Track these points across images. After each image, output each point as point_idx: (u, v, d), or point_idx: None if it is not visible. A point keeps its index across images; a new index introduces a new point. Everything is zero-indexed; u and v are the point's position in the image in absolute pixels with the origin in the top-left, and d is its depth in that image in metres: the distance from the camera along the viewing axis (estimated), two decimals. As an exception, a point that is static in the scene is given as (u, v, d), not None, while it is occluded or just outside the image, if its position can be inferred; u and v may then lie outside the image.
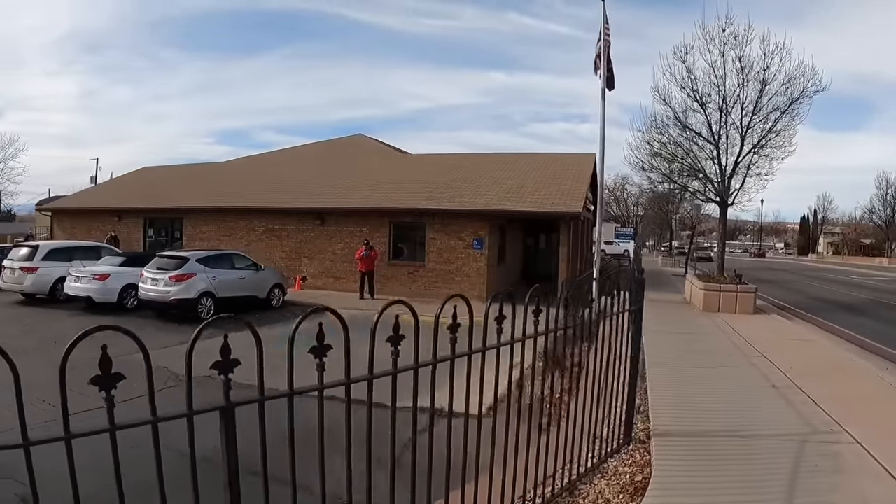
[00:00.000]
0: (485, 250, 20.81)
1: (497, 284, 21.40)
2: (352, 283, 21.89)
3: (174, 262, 17.28)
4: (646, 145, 19.88)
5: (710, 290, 17.00)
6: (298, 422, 2.86)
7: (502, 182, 22.76)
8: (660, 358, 9.78)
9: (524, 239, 28.37)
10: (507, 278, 23.41)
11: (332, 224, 23.69)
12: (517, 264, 26.36)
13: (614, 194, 78.52)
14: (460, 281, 20.93)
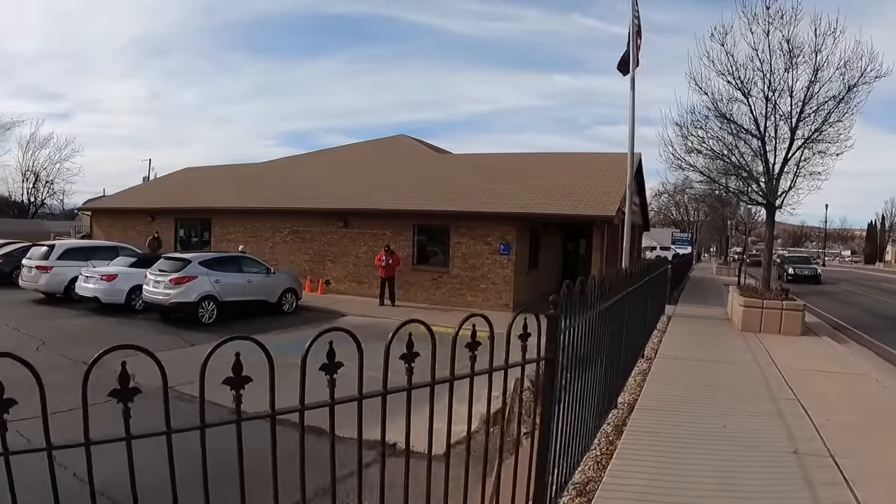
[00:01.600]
0: (512, 256, 19.37)
1: (526, 293, 19.99)
2: (375, 287, 20.75)
3: (176, 265, 16.57)
4: (681, 140, 17.90)
5: (750, 305, 14.71)
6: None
7: (534, 183, 21.26)
8: (658, 400, 7.78)
9: (563, 244, 26.77)
10: (540, 286, 21.93)
11: (355, 226, 22.60)
12: (553, 271, 24.79)
13: (673, 198, 76.14)
14: (486, 289, 19.59)
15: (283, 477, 2.53)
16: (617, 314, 6.67)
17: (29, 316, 16.71)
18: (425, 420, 3.03)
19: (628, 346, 8.06)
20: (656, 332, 13.39)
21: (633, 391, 8.34)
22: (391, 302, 19.94)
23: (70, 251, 20.25)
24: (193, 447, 2.40)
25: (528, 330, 3.58)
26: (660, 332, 13.67)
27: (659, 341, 12.42)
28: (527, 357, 3.66)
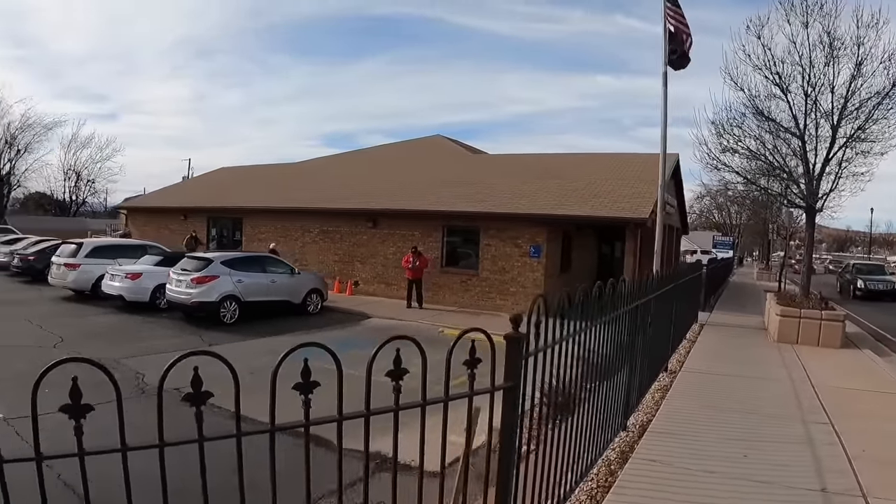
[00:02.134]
0: (542, 258, 18.81)
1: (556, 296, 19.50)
2: (403, 289, 20.35)
3: (198, 264, 16.44)
4: (716, 139, 17.06)
5: (787, 315, 13.71)
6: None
7: (566, 184, 20.70)
8: (674, 422, 7.00)
9: (598, 246, 26.06)
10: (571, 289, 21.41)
11: (384, 227, 22.25)
12: (588, 274, 24.10)
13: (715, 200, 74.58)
14: (515, 292, 19.07)
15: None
16: (628, 327, 6.12)
17: (55, 313, 16.67)
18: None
19: (645, 361, 7.45)
20: (685, 342, 12.72)
21: (649, 410, 7.72)
22: (418, 304, 19.55)
23: (98, 249, 20.31)
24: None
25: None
26: (689, 342, 13.00)
27: (687, 352, 11.79)
28: (478, 387, 3.23)
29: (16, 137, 62.26)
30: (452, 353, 2.97)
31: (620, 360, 6.03)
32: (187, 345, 12.95)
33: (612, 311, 5.36)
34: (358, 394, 2.70)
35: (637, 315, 6.48)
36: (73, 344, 12.57)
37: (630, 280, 6.49)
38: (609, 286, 5.20)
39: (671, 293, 9.34)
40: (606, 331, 5.25)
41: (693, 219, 72.37)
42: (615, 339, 5.64)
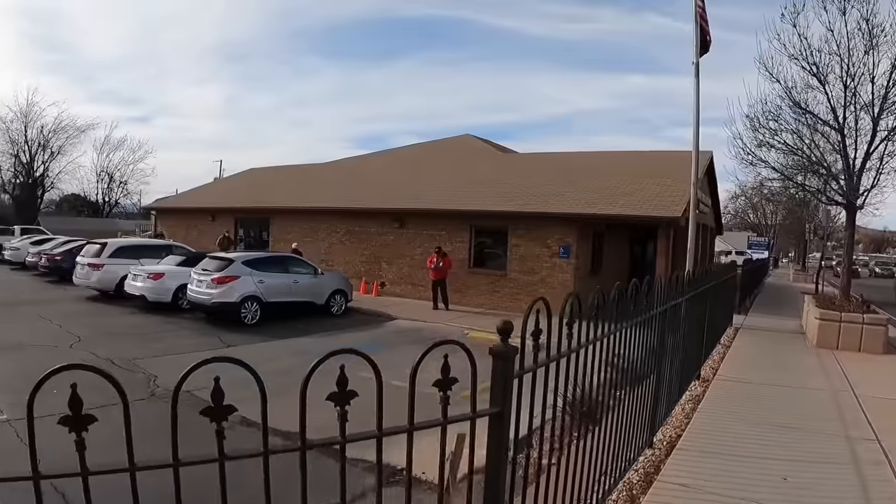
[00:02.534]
0: (572, 259, 18.28)
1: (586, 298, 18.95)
2: (430, 290, 20.03)
3: (219, 264, 16.27)
4: (751, 134, 16.29)
5: (826, 318, 12.90)
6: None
7: (596, 183, 20.13)
8: (706, 438, 6.36)
9: (630, 247, 25.41)
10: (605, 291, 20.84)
11: (411, 227, 21.89)
12: (619, 275, 23.51)
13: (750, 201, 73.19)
14: (544, 293, 18.40)
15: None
16: (656, 333, 5.62)
17: (77, 313, 16.65)
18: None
19: (675, 370, 6.93)
20: (719, 348, 12.03)
21: (679, 424, 7.15)
22: (445, 305, 19.15)
23: (122, 249, 20.35)
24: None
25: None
26: (723, 347, 12.33)
27: (721, 358, 11.14)
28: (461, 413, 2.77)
29: (49, 140, 63.24)
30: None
31: (646, 370, 5.54)
32: (205, 346, 13.02)
33: (636, 317, 4.90)
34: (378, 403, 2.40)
35: (665, 320, 5.98)
36: (91, 344, 12.44)
37: (660, 281, 5.98)
38: (632, 288, 4.74)
39: (704, 295, 8.77)
40: (630, 337, 4.78)
41: (728, 219, 71.07)
42: (641, 347, 5.15)
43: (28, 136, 62.44)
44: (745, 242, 67.43)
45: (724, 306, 13.19)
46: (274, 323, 15.79)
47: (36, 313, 15.94)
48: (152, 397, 9.01)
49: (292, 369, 10.83)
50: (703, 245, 26.41)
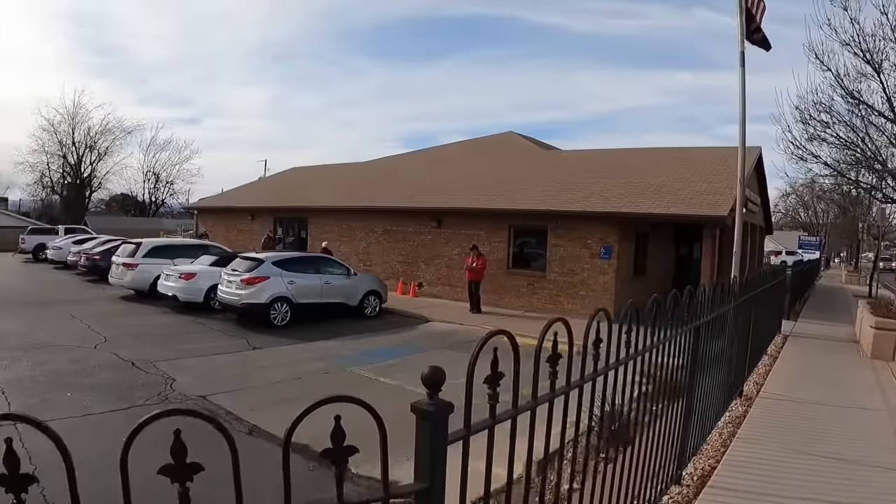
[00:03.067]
0: (613, 260, 17.52)
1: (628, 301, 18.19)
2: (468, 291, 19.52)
3: (249, 264, 16.01)
4: (801, 127, 15.29)
5: (883, 327, 11.68)
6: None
7: (640, 179, 19.33)
8: (744, 473, 5.47)
9: (676, 247, 24.49)
10: (648, 294, 19.83)
11: (448, 226, 21.36)
12: (664, 277, 22.60)
13: (801, 199, 71.20)
14: (584, 296, 17.84)
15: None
16: (689, 350, 4.95)
17: (109, 312, 16.68)
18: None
19: (712, 389, 6.17)
20: (765, 359, 11.16)
21: (714, 453, 6.28)
22: (476, 307, 18.59)
23: (156, 249, 20.42)
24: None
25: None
26: (770, 357, 11.46)
27: (766, 371, 10.25)
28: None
29: (96, 141, 64.44)
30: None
31: (676, 392, 4.85)
32: (230, 348, 12.91)
33: (665, 335, 4.34)
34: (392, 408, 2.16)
35: (701, 334, 5.28)
36: (115, 344, 12.39)
37: (702, 287, 5.33)
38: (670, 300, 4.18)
39: (750, 303, 8.02)
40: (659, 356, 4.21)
41: (778, 218, 69.18)
42: (671, 367, 4.53)
43: (75, 138, 63.69)
44: (795, 242, 65.43)
45: (773, 312, 12.19)
46: (304, 325, 15.50)
47: (69, 313, 16.05)
48: (164, 402, 8.72)
49: (308, 376, 10.69)
50: (752, 245, 25.38)
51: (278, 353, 12.52)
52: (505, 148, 29.73)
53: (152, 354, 11.56)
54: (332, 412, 1.75)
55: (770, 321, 11.75)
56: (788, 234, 71.59)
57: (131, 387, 9.37)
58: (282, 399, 9.02)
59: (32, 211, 66.64)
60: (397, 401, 9.57)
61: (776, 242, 60.04)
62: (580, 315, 17.55)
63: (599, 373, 3.29)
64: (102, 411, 8.05)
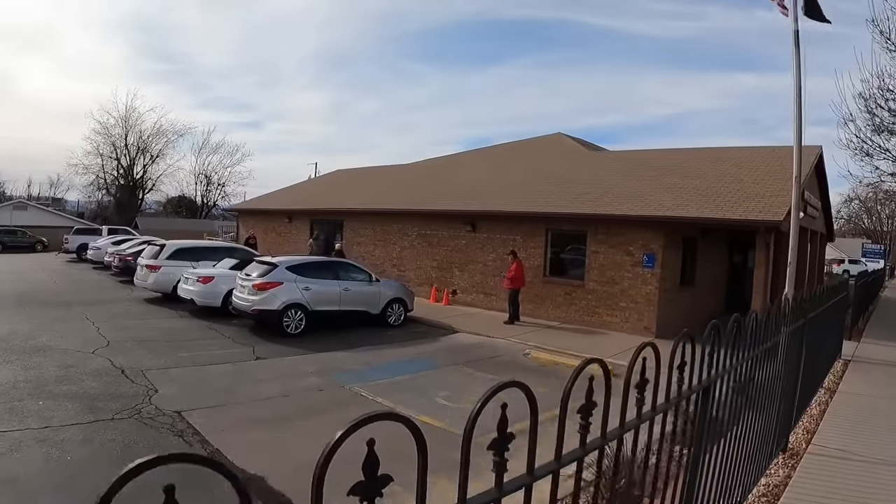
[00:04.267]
0: (657, 269, 16.04)
1: (674, 315, 16.68)
2: (503, 300, 18.36)
3: (262, 269, 15.19)
4: (867, 117, 13.60)
5: None
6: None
7: (689, 181, 17.84)
8: None
9: (729, 255, 22.80)
10: (696, 306, 18.46)
11: (483, 231, 20.17)
12: (716, 289, 21.05)
13: (864, 205, 68.08)
14: (625, 307, 16.44)
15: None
16: (701, 414, 3.51)
17: (124, 315, 16.28)
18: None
19: (744, 446, 4.40)
20: (821, 393, 9.14)
21: None
22: (513, 319, 17.41)
23: (181, 251, 19.92)
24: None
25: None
26: (827, 392, 9.33)
27: (821, 413, 8.08)
28: None
29: (148, 144, 65.30)
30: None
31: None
32: (232, 357, 12.15)
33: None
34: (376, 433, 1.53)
35: (712, 393, 3.92)
36: (115, 349, 11.94)
37: (732, 321, 4.00)
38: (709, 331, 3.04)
39: (803, 329, 6.30)
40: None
41: (840, 224, 66.16)
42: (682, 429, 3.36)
43: (128, 141, 64.61)
44: (858, 250, 62.33)
45: (832, 335, 10.16)
46: (320, 334, 14.70)
47: (86, 314, 15.81)
48: (134, 417, 8.07)
49: (299, 392, 9.92)
50: (812, 253, 23.57)
51: (280, 364, 11.80)
52: (551, 150, 28.41)
53: (148, 362, 11.12)
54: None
55: (829, 347, 9.83)
56: (851, 241, 68.20)
57: (109, 397, 8.85)
58: (258, 419, 8.38)
59: (88, 212, 68.05)
60: (385, 424, 8.60)
61: (838, 250, 57.21)
62: (620, 328, 16.27)
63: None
64: (63, 424, 7.55)
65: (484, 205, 20.38)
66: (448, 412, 9.09)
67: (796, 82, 10.84)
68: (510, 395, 1.85)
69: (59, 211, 60.84)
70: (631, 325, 16.16)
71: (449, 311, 18.99)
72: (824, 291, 8.02)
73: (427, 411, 9.03)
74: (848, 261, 53.46)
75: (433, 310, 19.13)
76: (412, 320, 17.22)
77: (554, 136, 31.76)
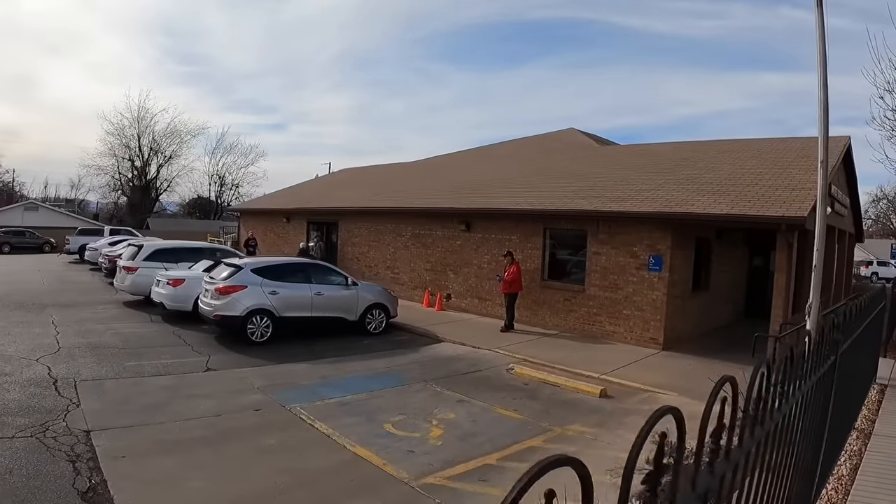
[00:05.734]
0: (665, 273, 14.24)
1: (685, 324, 14.96)
2: (499, 306, 16.76)
3: (227, 271, 13.85)
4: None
5: None
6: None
7: (702, 175, 16.03)
8: None
9: (750, 258, 20.96)
10: (710, 315, 16.69)
11: (478, 230, 18.55)
12: (734, 294, 19.22)
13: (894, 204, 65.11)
14: (629, 316, 14.68)
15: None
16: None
17: (94, 318, 15.44)
18: None
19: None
20: (853, 434, 7.22)
21: None
22: (508, 326, 15.84)
23: (159, 252, 18.87)
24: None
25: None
26: (860, 436, 7.27)
27: (854, 468, 6.12)
28: None
29: (161, 145, 64.79)
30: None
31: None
32: (181, 367, 11.09)
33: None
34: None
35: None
36: (61, 357, 11.17)
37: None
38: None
39: (830, 373, 4.28)
40: None
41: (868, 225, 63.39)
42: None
43: (141, 142, 64.09)
44: (888, 251, 59.53)
45: (866, 357, 7.75)
46: (289, 342, 13.39)
47: (54, 318, 15.08)
48: (38, 435, 7.18)
49: (232, 412, 8.71)
50: (840, 255, 21.61)
51: (228, 377, 10.64)
52: (560, 145, 26.75)
53: (88, 371, 10.33)
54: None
55: (861, 371, 7.37)
56: (879, 242, 65.07)
57: (25, 411, 7.99)
58: (171, 444, 7.33)
59: (104, 213, 67.74)
60: (314, 455, 7.23)
61: (866, 252, 54.65)
62: (624, 339, 14.64)
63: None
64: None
65: (478, 202, 18.80)
66: (392, 444, 7.68)
67: (820, 49, 9.08)
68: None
69: (71, 212, 60.38)
70: (636, 336, 14.46)
71: (440, 318, 17.46)
72: (861, 306, 6.13)
73: (366, 441, 7.66)
74: (877, 262, 50.96)
75: (423, 316, 17.62)
76: (396, 327, 15.78)
77: (565, 132, 30.06)
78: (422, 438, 7.93)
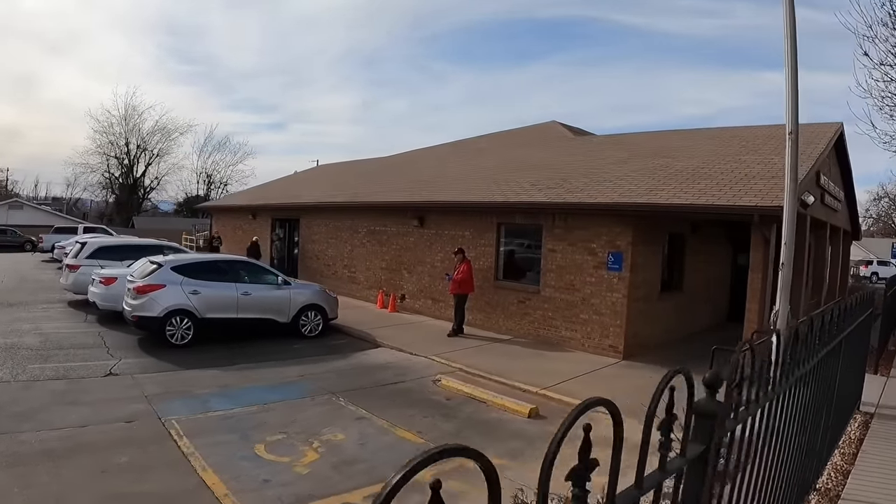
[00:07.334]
0: (625, 272, 12.62)
1: (651, 330, 13.35)
2: (451, 308, 15.18)
3: (147, 269, 12.92)
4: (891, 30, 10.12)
5: None
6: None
7: (674, 163, 14.41)
8: None
9: (734, 255, 19.17)
10: (685, 319, 15.06)
11: (431, 226, 17.04)
12: (714, 296, 17.53)
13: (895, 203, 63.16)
14: (587, 320, 13.10)
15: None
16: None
17: (29, 318, 14.68)
18: None
19: None
20: (827, 472, 5.66)
21: None
22: (456, 330, 14.34)
23: (102, 249, 18.02)
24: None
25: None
26: (837, 474, 5.71)
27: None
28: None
29: (147, 143, 63.78)
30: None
31: None
32: (82, 371, 10.24)
33: None
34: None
35: None
36: None
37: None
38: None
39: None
40: None
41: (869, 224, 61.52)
42: None
43: (128, 140, 63.13)
44: (888, 250, 57.55)
45: (847, 376, 6.09)
46: (211, 345, 12.41)
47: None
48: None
49: (98, 424, 7.71)
50: (834, 253, 19.94)
51: (123, 384, 9.69)
52: (536, 138, 25.09)
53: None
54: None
55: (840, 397, 5.73)
56: (880, 241, 63.05)
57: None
58: (14, 457, 6.50)
59: (92, 212, 66.81)
60: (158, 478, 6.27)
61: (866, 251, 52.88)
62: (582, 346, 13.07)
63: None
64: None
65: (431, 195, 17.29)
66: (251, 471, 6.50)
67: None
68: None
69: (58, 211, 59.48)
70: (593, 343, 12.89)
71: (389, 320, 16.00)
72: (838, 314, 4.54)
73: (223, 465, 6.51)
74: (877, 262, 49.22)
75: (372, 318, 16.17)
76: (336, 330, 14.53)
77: (546, 125, 28.37)
78: (289, 464, 6.69)
